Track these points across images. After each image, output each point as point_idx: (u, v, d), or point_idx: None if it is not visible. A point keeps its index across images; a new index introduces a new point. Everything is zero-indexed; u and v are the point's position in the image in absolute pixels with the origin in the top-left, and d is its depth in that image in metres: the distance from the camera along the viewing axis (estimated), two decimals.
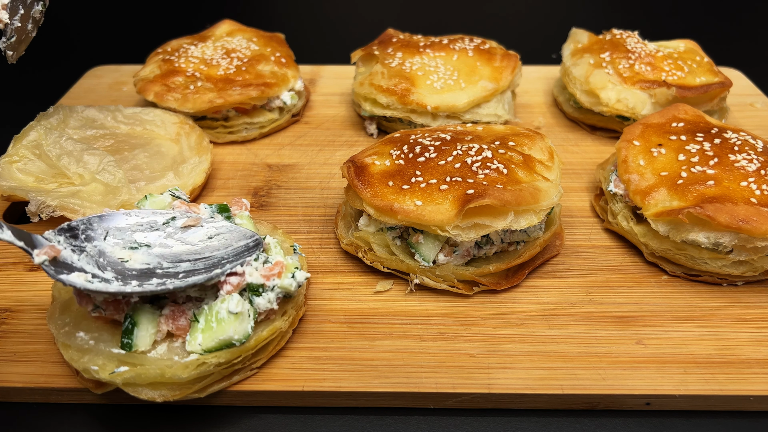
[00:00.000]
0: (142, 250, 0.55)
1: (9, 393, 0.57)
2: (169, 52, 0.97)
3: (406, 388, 0.56)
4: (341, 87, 1.07)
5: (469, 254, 0.66)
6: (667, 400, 0.56)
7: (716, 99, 0.89)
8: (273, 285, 0.56)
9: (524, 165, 0.67)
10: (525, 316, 0.64)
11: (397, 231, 0.67)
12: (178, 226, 0.58)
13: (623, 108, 0.88)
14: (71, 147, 0.76)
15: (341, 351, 0.60)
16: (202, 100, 0.88)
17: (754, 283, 0.68)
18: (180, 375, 0.52)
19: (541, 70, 1.12)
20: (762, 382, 0.57)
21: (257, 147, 0.92)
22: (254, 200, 0.81)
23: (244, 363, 0.56)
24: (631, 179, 0.71)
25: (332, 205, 0.80)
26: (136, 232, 0.57)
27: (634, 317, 0.63)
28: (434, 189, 0.63)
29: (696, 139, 0.73)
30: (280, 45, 1.02)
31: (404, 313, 0.64)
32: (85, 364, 0.52)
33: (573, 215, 0.79)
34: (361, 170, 0.67)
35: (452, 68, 0.91)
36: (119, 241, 0.56)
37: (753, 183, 0.66)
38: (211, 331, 0.53)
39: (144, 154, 0.80)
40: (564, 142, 0.93)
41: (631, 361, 0.59)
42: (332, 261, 0.71)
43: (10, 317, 0.63)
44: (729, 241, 0.64)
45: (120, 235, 0.56)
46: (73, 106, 0.85)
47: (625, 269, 0.70)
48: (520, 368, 0.58)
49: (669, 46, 0.98)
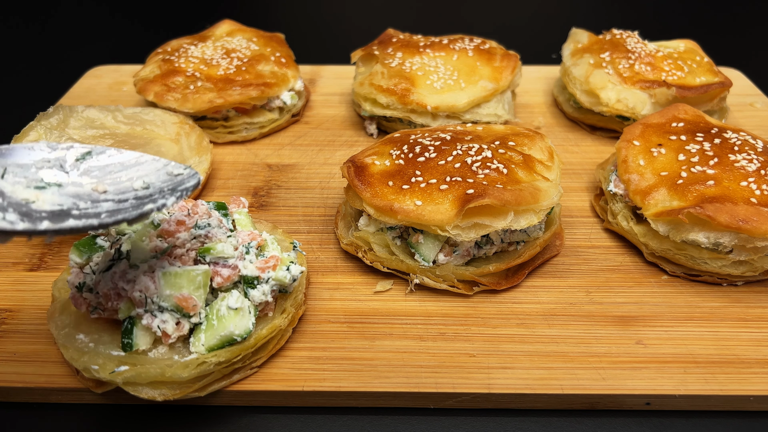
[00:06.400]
0: (51, 190, 0.47)
1: (9, 393, 0.57)
2: (169, 52, 0.97)
3: (406, 388, 0.56)
4: (341, 87, 1.07)
5: (469, 254, 0.66)
6: (667, 400, 0.56)
7: (716, 99, 0.89)
8: (267, 277, 0.56)
9: (524, 165, 0.67)
10: (525, 316, 0.64)
11: (397, 231, 0.67)
12: (94, 164, 0.51)
13: (623, 108, 0.88)
14: None
15: (341, 351, 0.60)
16: (202, 100, 0.88)
17: (754, 283, 0.68)
18: (180, 374, 0.52)
19: (541, 70, 1.12)
20: (762, 382, 0.57)
21: (257, 147, 0.92)
22: (254, 200, 0.81)
23: (244, 362, 0.56)
24: (631, 179, 0.71)
25: (332, 205, 0.80)
26: (42, 169, 0.48)
27: (634, 317, 0.63)
28: (434, 189, 0.63)
29: (696, 139, 0.73)
30: (280, 45, 1.02)
31: (404, 313, 0.64)
32: (85, 364, 0.52)
33: (573, 215, 0.79)
34: (361, 170, 0.67)
35: (452, 68, 0.91)
36: (21, 180, 0.47)
37: (753, 183, 0.66)
38: (213, 329, 0.53)
39: None
40: (564, 142, 0.93)
41: (631, 361, 0.59)
42: (332, 261, 0.71)
43: (10, 317, 0.63)
44: (729, 241, 0.64)
45: (22, 173, 0.47)
46: (73, 106, 0.85)
47: (625, 269, 0.70)
48: (520, 368, 0.58)
49: (669, 46, 0.98)
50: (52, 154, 0.50)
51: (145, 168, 0.52)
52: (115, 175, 0.51)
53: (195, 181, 0.51)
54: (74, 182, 0.49)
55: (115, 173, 0.51)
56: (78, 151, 0.51)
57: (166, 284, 0.53)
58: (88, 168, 0.50)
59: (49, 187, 0.47)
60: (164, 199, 0.48)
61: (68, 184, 0.48)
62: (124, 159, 0.52)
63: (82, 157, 0.51)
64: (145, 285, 0.52)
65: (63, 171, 0.49)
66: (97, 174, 0.50)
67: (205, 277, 0.54)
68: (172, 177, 0.51)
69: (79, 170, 0.50)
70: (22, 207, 0.45)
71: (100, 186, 0.49)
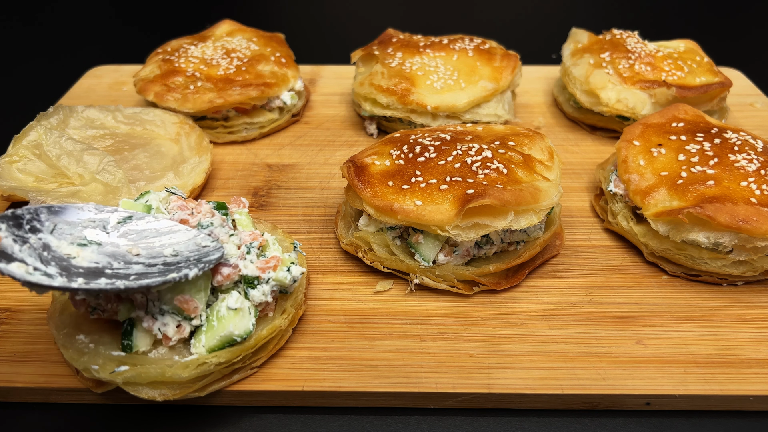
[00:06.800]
0: (91, 248, 0.51)
1: (9, 393, 0.57)
2: (169, 52, 0.97)
3: (406, 388, 0.56)
4: (341, 87, 1.07)
5: (469, 254, 0.66)
6: (667, 400, 0.56)
7: (716, 99, 0.89)
8: (268, 278, 0.56)
9: (524, 165, 0.67)
10: (525, 316, 0.64)
11: (397, 231, 0.67)
12: (133, 227, 0.55)
13: (623, 108, 0.88)
14: (71, 147, 0.76)
15: (341, 351, 0.60)
16: (202, 100, 0.88)
17: (754, 283, 0.68)
18: (180, 374, 0.52)
19: (541, 70, 1.12)
20: (762, 382, 0.57)
21: (257, 147, 0.92)
22: (254, 200, 0.81)
23: (244, 362, 0.56)
24: (631, 179, 0.71)
25: (332, 205, 0.80)
26: (87, 228, 0.53)
27: (634, 317, 0.63)
28: (434, 189, 0.63)
29: (696, 139, 0.73)
30: (280, 45, 1.02)
31: (404, 313, 0.64)
32: (85, 364, 0.52)
33: (573, 215, 0.79)
34: (361, 170, 0.67)
35: (452, 68, 0.91)
36: (67, 236, 0.51)
37: (753, 183, 0.66)
38: (213, 330, 0.53)
39: (144, 154, 0.80)
40: (564, 142, 0.93)
41: (631, 361, 0.59)
42: (332, 261, 0.71)
43: (10, 317, 0.63)
44: (729, 241, 0.64)
45: (69, 230, 0.52)
46: (73, 106, 0.85)
47: (625, 269, 0.70)
48: (520, 368, 0.58)
49: (669, 46, 0.98)
50: (98, 215, 0.54)
51: (178, 237, 0.56)
52: (150, 240, 0.54)
53: (219, 254, 0.54)
54: (112, 242, 0.53)
55: (150, 238, 0.55)
56: (120, 215, 0.55)
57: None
58: (126, 231, 0.54)
59: (90, 245, 0.51)
60: (188, 270, 0.51)
61: (107, 244, 0.52)
62: (159, 226, 0.56)
63: (124, 220, 0.55)
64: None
65: (105, 231, 0.53)
66: (134, 237, 0.54)
67: (205, 280, 0.54)
68: (199, 248, 0.55)
69: (119, 232, 0.54)
70: (63, 261, 0.49)
71: (134, 249, 0.53)
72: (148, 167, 0.78)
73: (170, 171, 0.78)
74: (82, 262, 0.50)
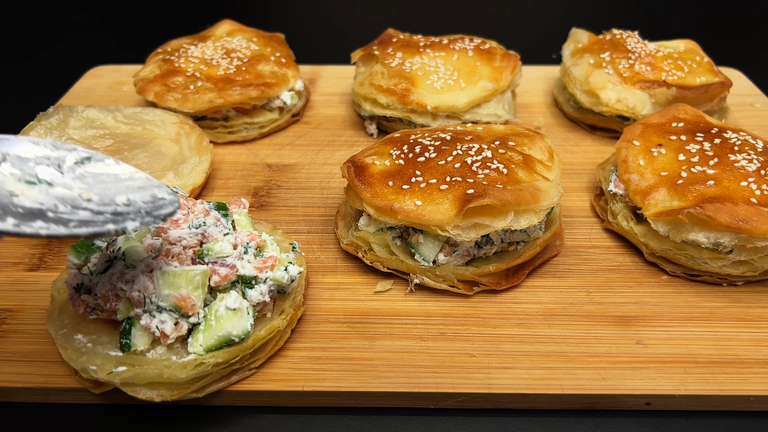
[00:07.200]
0: (39, 187, 0.46)
1: (9, 393, 0.57)
2: (169, 52, 0.97)
3: (406, 388, 0.56)
4: (341, 87, 1.07)
5: (469, 254, 0.66)
6: (667, 400, 0.56)
7: (716, 99, 0.89)
8: (265, 277, 0.56)
9: (524, 165, 0.67)
10: (525, 316, 0.64)
11: (397, 231, 0.67)
12: (90, 170, 0.50)
13: (623, 108, 0.88)
14: None
15: (341, 351, 0.60)
16: (202, 100, 0.88)
17: (754, 283, 0.68)
18: (178, 375, 0.52)
19: (541, 70, 1.12)
20: (762, 382, 0.57)
21: (257, 147, 0.92)
22: (254, 200, 0.81)
23: (242, 363, 0.56)
24: (631, 179, 0.71)
25: (332, 205, 0.80)
26: (40, 165, 0.47)
27: (634, 317, 0.63)
28: (434, 189, 0.63)
29: (696, 139, 0.73)
30: (280, 45, 1.02)
31: (404, 313, 0.64)
32: (83, 364, 0.52)
33: (573, 215, 0.79)
34: (361, 170, 0.67)
35: (452, 68, 0.91)
36: (16, 171, 0.46)
37: (753, 183, 0.66)
38: (211, 330, 0.53)
39: (144, 154, 0.80)
40: (564, 142, 0.93)
41: (631, 361, 0.59)
42: (332, 261, 0.71)
43: (10, 317, 0.63)
44: (729, 241, 0.64)
45: (20, 165, 0.47)
46: (73, 106, 0.85)
47: (625, 269, 0.70)
48: (520, 368, 0.58)
49: (669, 46, 0.98)
50: (55, 152, 0.49)
51: (136, 184, 0.51)
52: (106, 185, 0.49)
53: (172, 208, 0.50)
54: (65, 184, 0.47)
55: (107, 183, 0.50)
56: (79, 155, 0.50)
57: (165, 284, 0.53)
58: (83, 173, 0.49)
59: (39, 184, 0.46)
60: (131, 222, 0.46)
61: (59, 185, 0.47)
62: (119, 171, 0.51)
63: (81, 161, 0.50)
64: (144, 285, 0.52)
65: (59, 171, 0.48)
66: (90, 181, 0.49)
67: (203, 277, 0.54)
68: (154, 200, 0.50)
69: (74, 173, 0.49)
70: (3, 199, 0.43)
71: (86, 193, 0.48)
72: (148, 167, 0.78)
73: (170, 171, 0.78)
74: (24, 201, 0.44)
